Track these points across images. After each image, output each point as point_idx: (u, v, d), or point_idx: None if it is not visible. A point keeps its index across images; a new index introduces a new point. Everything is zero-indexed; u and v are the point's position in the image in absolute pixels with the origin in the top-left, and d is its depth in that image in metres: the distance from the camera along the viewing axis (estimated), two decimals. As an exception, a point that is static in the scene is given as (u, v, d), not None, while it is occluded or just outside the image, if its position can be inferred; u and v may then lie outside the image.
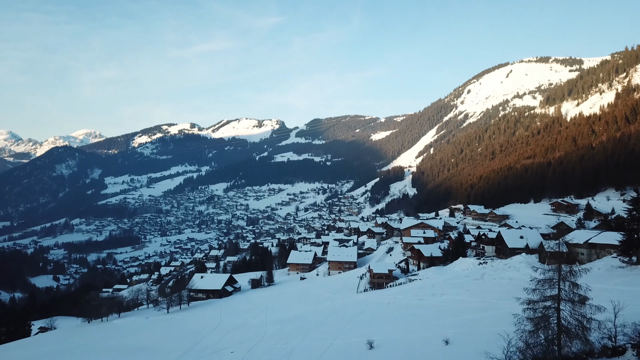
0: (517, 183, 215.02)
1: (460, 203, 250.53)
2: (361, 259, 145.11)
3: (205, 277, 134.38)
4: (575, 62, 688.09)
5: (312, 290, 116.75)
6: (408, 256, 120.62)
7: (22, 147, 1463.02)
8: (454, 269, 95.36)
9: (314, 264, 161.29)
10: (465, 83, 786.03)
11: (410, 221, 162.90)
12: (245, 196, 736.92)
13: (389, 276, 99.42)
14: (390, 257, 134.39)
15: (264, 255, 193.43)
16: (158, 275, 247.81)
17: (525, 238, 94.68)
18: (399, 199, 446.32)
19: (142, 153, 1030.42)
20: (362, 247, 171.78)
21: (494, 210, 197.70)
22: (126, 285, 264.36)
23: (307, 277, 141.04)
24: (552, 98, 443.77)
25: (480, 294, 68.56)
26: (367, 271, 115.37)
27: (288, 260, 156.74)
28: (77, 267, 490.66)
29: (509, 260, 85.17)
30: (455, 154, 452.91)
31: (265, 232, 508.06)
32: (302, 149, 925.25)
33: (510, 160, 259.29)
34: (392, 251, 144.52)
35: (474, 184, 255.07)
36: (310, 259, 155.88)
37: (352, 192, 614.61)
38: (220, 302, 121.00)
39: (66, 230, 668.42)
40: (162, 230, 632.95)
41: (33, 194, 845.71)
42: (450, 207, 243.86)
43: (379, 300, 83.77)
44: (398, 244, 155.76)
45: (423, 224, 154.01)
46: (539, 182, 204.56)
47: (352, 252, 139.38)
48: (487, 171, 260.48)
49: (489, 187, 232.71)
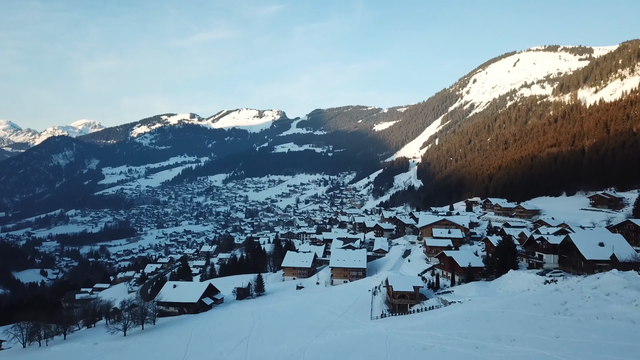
0: (544, 174, 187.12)
1: (477, 196, 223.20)
2: (371, 263, 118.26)
3: (179, 286, 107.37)
4: (585, 51, 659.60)
5: (310, 307, 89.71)
6: (435, 265, 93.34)
7: (21, 137, 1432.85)
8: (506, 288, 68.23)
9: (314, 267, 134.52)
10: (471, 72, 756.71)
11: (430, 217, 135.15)
12: (244, 187, 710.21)
13: (414, 295, 72.49)
14: (409, 264, 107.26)
15: (257, 254, 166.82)
16: (141, 274, 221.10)
17: (608, 246, 67.44)
18: (405, 191, 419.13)
19: (140, 143, 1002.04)
20: (371, 247, 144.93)
21: (520, 204, 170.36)
22: (108, 284, 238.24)
23: (306, 286, 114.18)
24: (566, 86, 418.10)
25: (580, 348, 41.45)
26: (382, 285, 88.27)
27: (283, 264, 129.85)
28: (68, 260, 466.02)
29: (595, 279, 57.87)
30: (463, 145, 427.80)
31: (264, 224, 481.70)
32: (303, 139, 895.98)
33: (532, 149, 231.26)
34: (410, 255, 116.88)
35: (492, 175, 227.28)
36: (309, 262, 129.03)
37: (354, 184, 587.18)
38: (195, 321, 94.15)
39: (61, 221, 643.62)
40: (158, 222, 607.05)
41: (29, 185, 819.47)
42: (466, 201, 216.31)
43: (407, 337, 56.56)
44: (416, 245, 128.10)
45: (446, 221, 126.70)
46: (571, 172, 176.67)
47: (360, 256, 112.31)
48: (506, 161, 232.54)
49: (511, 178, 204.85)
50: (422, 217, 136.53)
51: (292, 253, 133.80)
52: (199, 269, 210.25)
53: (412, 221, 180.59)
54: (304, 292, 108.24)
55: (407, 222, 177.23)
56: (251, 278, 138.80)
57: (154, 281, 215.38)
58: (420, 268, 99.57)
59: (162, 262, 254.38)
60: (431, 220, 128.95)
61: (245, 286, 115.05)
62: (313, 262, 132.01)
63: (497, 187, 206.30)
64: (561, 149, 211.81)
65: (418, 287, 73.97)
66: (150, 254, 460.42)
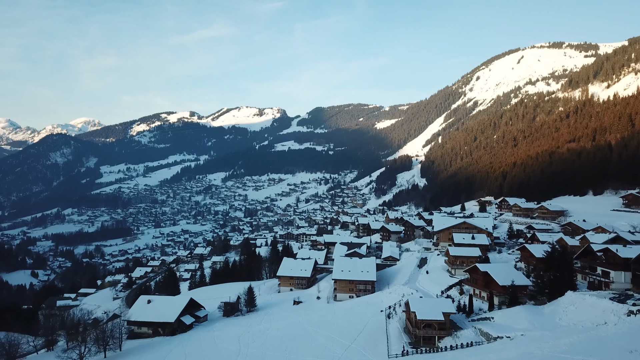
0: (566, 171, 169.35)
1: (490, 195, 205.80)
2: (380, 274, 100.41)
3: (155, 302, 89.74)
4: (590, 48, 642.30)
5: (310, 331, 72.18)
6: (463, 280, 75.33)
7: (20, 135, 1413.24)
8: (570, 318, 50.79)
9: (314, 276, 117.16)
10: (474, 70, 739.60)
11: (446, 220, 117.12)
12: (244, 186, 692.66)
13: (443, 325, 55.10)
14: (427, 277, 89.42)
15: (251, 259, 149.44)
16: (128, 279, 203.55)
17: None
18: (408, 190, 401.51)
19: (139, 141, 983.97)
20: (378, 253, 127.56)
21: (542, 204, 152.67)
22: (95, 289, 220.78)
23: (304, 300, 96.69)
24: (575, 81, 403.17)
25: None
26: (398, 304, 70.69)
27: (279, 272, 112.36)
28: (62, 260, 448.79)
29: None
30: (469, 142, 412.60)
31: (263, 224, 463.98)
32: (304, 137, 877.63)
33: (547, 145, 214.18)
34: (427, 265, 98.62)
35: (505, 173, 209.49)
36: (308, 271, 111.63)
37: (355, 183, 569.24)
38: (169, 346, 76.64)
39: (57, 220, 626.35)
40: (156, 222, 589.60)
41: (26, 183, 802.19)
42: (479, 200, 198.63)
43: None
44: (432, 252, 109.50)
45: (466, 224, 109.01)
46: (597, 170, 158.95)
47: (368, 266, 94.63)
48: (521, 157, 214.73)
49: (528, 176, 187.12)
50: (437, 219, 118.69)
51: (289, 260, 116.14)
52: (190, 274, 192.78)
53: (421, 222, 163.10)
54: (303, 308, 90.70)
55: (416, 223, 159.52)
56: (243, 288, 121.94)
57: (142, 286, 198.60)
58: (442, 283, 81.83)
59: (152, 265, 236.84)
60: (449, 223, 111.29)
61: (234, 300, 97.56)
62: (313, 271, 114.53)
63: (512, 185, 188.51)
64: (581, 144, 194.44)
65: (449, 314, 56.47)
66: (145, 254, 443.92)
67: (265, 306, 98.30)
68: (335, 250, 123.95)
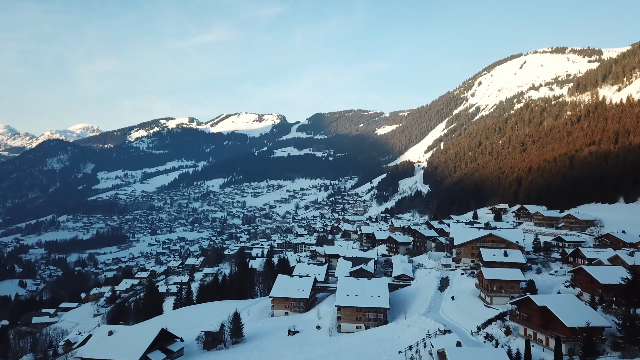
0: (592, 176, 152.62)
1: (504, 202, 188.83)
2: (392, 296, 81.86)
3: (117, 333, 72.20)
4: (594, 53, 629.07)
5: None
6: (506, 314, 57.47)
7: (18, 141, 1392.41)
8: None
9: (313, 296, 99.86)
10: (476, 75, 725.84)
11: (467, 231, 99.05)
12: (242, 193, 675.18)
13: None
14: (454, 304, 71.74)
15: (243, 274, 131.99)
16: (112, 293, 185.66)
17: None
18: (411, 197, 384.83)
19: (137, 147, 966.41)
20: (387, 269, 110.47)
21: (566, 212, 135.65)
22: (77, 303, 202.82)
23: (301, 330, 79.36)
24: (582, 85, 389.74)
25: None
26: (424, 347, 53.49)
27: (273, 292, 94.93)
28: (54, 269, 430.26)
29: None
30: (473, 147, 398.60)
31: (260, 232, 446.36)
32: (303, 143, 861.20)
33: (565, 148, 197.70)
34: (451, 287, 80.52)
35: (520, 178, 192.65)
36: (307, 290, 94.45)
37: (356, 189, 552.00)
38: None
39: (52, 227, 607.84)
40: (152, 229, 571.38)
41: (22, 189, 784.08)
42: (492, 208, 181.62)
43: None
44: (455, 271, 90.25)
45: (492, 237, 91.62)
46: (629, 174, 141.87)
47: (379, 289, 76.93)
48: (537, 162, 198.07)
49: (546, 181, 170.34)
50: (455, 230, 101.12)
51: (284, 278, 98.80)
52: (178, 287, 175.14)
53: (432, 233, 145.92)
54: (299, 341, 73.31)
55: (427, 234, 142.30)
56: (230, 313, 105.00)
57: (126, 302, 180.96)
58: (476, 314, 64.32)
59: (140, 277, 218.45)
60: (471, 236, 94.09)
61: (218, 326, 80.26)
62: (312, 290, 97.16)
63: (530, 192, 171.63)
64: (602, 147, 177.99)
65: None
66: (139, 263, 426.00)
67: (254, 336, 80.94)
68: (337, 267, 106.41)
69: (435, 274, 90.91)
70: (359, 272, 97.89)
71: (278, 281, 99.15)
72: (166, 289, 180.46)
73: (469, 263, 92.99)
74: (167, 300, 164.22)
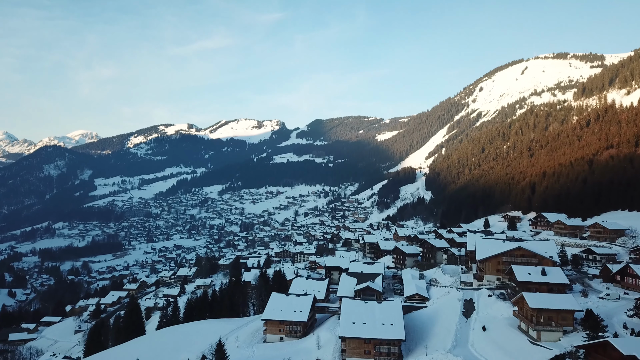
0: (616, 181, 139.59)
1: (517, 209, 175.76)
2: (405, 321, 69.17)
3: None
4: (596, 58, 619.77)
5: None
6: (569, 355, 44.00)
7: (17, 147, 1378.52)
8: None
9: (312, 317, 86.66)
10: (477, 81, 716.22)
11: (490, 243, 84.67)
12: (241, 199, 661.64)
13: None
14: (486, 337, 57.88)
15: (235, 289, 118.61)
16: (96, 307, 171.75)
17: None
18: (413, 204, 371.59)
19: (135, 154, 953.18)
20: (396, 287, 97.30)
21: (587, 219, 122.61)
22: (60, 317, 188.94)
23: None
24: (589, 89, 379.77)
25: None
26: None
27: (265, 314, 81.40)
28: (46, 278, 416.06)
29: None
30: (476, 153, 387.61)
31: (259, 240, 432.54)
32: (303, 149, 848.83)
33: (581, 152, 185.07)
34: (477, 312, 66.85)
35: (534, 184, 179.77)
36: (305, 312, 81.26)
37: (356, 196, 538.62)
38: None
39: (47, 234, 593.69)
40: (148, 236, 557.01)
41: (18, 196, 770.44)
42: (505, 216, 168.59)
43: None
44: (481, 292, 74.93)
45: (522, 251, 78.16)
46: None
47: (391, 315, 63.13)
48: (552, 166, 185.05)
49: (563, 187, 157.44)
50: (477, 242, 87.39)
51: (279, 297, 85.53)
52: (166, 302, 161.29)
53: (443, 243, 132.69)
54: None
55: (437, 244, 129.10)
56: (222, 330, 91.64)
57: (112, 315, 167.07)
58: (522, 355, 50.49)
59: (128, 289, 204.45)
60: (496, 249, 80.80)
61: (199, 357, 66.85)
62: (311, 311, 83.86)
63: (546, 198, 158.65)
64: (622, 150, 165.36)
65: None
66: (134, 271, 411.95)
67: (242, 369, 67.56)
68: (340, 284, 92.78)
69: (456, 294, 77.44)
70: (366, 291, 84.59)
71: (272, 301, 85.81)
72: (154, 302, 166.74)
73: (494, 281, 79.54)
74: (153, 315, 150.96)
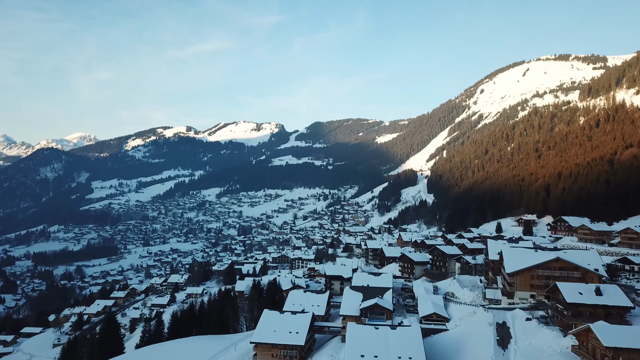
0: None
1: (530, 213, 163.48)
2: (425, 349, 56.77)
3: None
4: (598, 60, 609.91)
5: None
6: None
7: (15, 150, 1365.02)
8: None
9: (311, 337, 74.33)
10: (478, 83, 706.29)
11: (520, 253, 70.96)
12: (239, 202, 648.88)
13: None
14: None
15: (226, 302, 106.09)
16: (78, 318, 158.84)
17: None
18: (415, 207, 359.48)
19: (133, 156, 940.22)
20: (408, 302, 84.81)
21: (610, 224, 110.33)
22: (41, 327, 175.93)
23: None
24: (594, 90, 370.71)
25: None
26: None
27: (255, 337, 68.98)
28: (38, 282, 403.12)
29: None
30: (479, 155, 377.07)
31: (256, 244, 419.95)
32: (302, 152, 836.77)
33: (599, 152, 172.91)
34: (514, 341, 51.92)
35: (548, 185, 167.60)
36: (302, 333, 68.91)
37: (357, 199, 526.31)
38: None
39: (42, 238, 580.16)
40: (145, 239, 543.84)
41: (14, 199, 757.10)
42: (519, 220, 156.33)
43: None
44: (515, 314, 59.66)
45: (561, 262, 65.10)
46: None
47: (410, 346, 50.25)
48: (568, 166, 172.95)
49: (585, 189, 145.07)
50: (504, 250, 74.52)
51: (272, 315, 73.13)
52: (154, 312, 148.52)
53: (454, 250, 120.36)
54: None
55: (448, 251, 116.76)
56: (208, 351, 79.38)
57: (96, 327, 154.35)
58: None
59: (116, 297, 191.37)
60: (531, 261, 67.75)
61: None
62: (309, 332, 71.46)
63: (565, 201, 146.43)
64: None
65: None
66: (128, 276, 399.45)
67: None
68: (344, 301, 79.77)
69: (484, 315, 64.28)
70: (374, 309, 72.15)
71: (264, 320, 73.26)
72: (141, 312, 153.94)
73: (527, 299, 67.10)
74: (138, 328, 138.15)
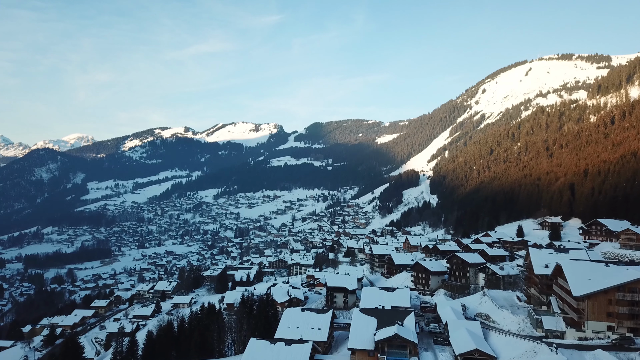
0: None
1: (552, 214, 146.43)
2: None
3: None
4: (602, 59, 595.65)
5: None
6: None
7: (11, 151, 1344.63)
8: None
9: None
10: (479, 83, 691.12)
11: (590, 269, 50.78)
12: (236, 203, 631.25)
13: None
14: None
15: (210, 319, 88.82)
16: (50, 332, 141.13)
17: None
18: (419, 208, 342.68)
19: (130, 157, 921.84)
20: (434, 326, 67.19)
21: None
22: (13, 341, 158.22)
23: None
24: (604, 87, 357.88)
25: None
26: None
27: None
28: (28, 286, 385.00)
29: None
30: (484, 155, 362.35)
31: (253, 246, 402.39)
32: (301, 153, 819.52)
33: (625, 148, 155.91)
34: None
35: (572, 185, 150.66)
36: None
37: (357, 200, 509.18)
38: None
39: (35, 240, 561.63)
40: (140, 241, 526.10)
41: (8, 200, 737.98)
42: (543, 223, 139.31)
43: None
44: (597, 355, 46.58)
45: (646, 283, 49.69)
46: None
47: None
48: (594, 163, 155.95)
49: (619, 188, 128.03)
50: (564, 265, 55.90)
51: (260, 346, 56.00)
52: (134, 326, 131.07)
53: (477, 258, 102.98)
54: None
55: (469, 259, 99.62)
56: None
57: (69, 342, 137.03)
58: None
59: (97, 307, 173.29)
60: (606, 281, 48.48)
61: None
62: (310, 366, 54.31)
63: (596, 202, 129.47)
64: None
65: None
66: (120, 280, 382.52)
67: None
68: (352, 330, 60.74)
69: (552, 358, 47.00)
70: (393, 342, 54.38)
71: (250, 351, 56.03)
72: (120, 326, 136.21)
73: (604, 332, 49.85)
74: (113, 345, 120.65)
